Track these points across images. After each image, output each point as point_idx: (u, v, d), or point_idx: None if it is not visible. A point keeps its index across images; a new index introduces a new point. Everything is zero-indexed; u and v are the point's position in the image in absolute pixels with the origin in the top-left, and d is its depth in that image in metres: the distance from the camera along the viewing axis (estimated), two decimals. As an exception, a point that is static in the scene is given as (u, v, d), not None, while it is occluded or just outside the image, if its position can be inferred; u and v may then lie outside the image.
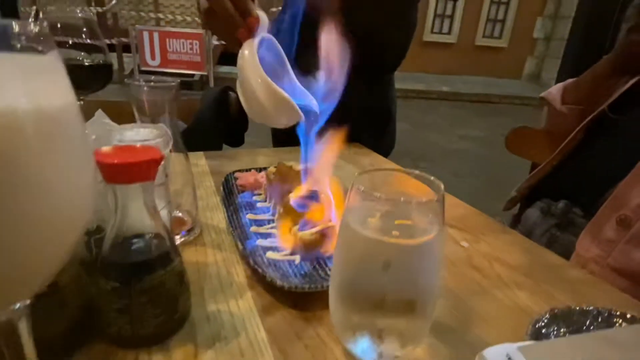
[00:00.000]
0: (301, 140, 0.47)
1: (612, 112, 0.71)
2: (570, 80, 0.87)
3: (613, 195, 0.63)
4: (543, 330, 0.34)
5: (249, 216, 0.53)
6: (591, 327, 0.35)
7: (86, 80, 0.59)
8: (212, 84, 4.80)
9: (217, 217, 0.55)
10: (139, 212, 0.30)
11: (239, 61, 0.45)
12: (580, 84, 0.83)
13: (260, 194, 0.60)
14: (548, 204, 0.77)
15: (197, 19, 5.11)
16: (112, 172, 0.27)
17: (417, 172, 0.29)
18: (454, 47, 7.44)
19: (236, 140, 1.14)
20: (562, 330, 0.34)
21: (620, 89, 0.71)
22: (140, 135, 0.36)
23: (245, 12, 0.46)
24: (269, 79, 0.44)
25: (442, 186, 0.28)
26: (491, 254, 0.50)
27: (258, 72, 0.43)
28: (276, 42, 0.48)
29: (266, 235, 0.48)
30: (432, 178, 0.28)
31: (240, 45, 0.45)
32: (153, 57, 4.76)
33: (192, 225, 0.49)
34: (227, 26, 0.46)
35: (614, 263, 0.60)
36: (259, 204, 0.57)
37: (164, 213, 0.40)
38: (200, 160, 0.77)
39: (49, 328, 0.28)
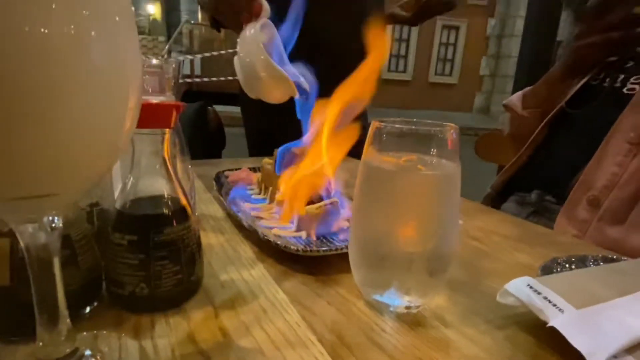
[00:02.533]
0: (298, 114, 0.49)
1: (569, 108, 0.79)
2: (527, 88, 0.96)
3: (580, 179, 0.68)
4: (552, 270, 0.36)
5: (247, 205, 0.52)
6: (593, 264, 0.37)
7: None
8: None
9: (213, 209, 0.53)
10: (156, 164, 0.30)
11: (240, 41, 0.47)
12: (537, 89, 0.92)
13: (253, 189, 0.59)
14: (522, 196, 0.82)
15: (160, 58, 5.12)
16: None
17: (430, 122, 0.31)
18: (410, 84, 7.94)
19: (214, 156, 1.13)
20: (571, 267, 0.36)
21: (574, 88, 0.79)
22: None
23: None
24: (267, 55, 0.46)
25: (455, 126, 0.30)
26: (486, 228, 0.52)
27: (259, 49, 0.45)
28: (274, 28, 0.50)
29: (268, 219, 0.48)
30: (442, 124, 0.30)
31: (241, 28, 0.47)
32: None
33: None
34: (234, 9, 0.51)
35: (590, 241, 0.64)
36: (253, 197, 0.56)
37: (179, 167, 0.39)
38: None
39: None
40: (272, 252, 0.40)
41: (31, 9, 0.14)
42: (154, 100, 0.33)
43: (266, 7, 0.50)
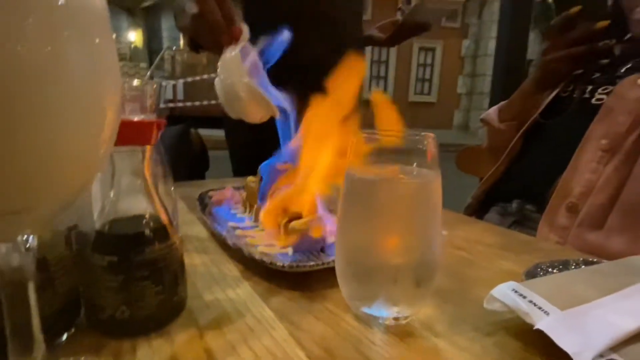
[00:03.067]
0: (280, 133, 0.50)
1: (543, 119, 0.82)
2: (503, 102, 0.99)
3: (558, 187, 0.70)
4: (536, 275, 0.36)
5: (232, 224, 0.52)
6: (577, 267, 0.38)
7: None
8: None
9: (197, 230, 0.53)
10: (137, 183, 0.29)
11: (221, 63, 0.48)
12: (511, 103, 0.95)
13: (237, 208, 0.59)
14: (503, 206, 0.84)
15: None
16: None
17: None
18: (390, 103, 8.14)
19: (196, 178, 1.12)
20: (554, 271, 0.36)
21: (546, 99, 0.83)
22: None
23: (231, 21, 0.51)
24: (248, 77, 0.47)
25: (432, 135, 0.30)
26: (470, 238, 0.53)
27: (241, 71, 0.46)
28: (254, 50, 0.51)
29: (253, 236, 0.47)
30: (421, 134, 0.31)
31: (221, 49, 0.48)
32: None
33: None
34: (213, 31, 0.51)
35: (571, 246, 0.66)
36: (238, 215, 0.56)
37: (162, 187, 0.38)
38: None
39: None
40: (258, 269, 0.39)
41: (9, 29, 0.14)
42: (135, 118, 0.33)
43: (246, 30, 0.51)
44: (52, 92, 0.15)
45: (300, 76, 0.97)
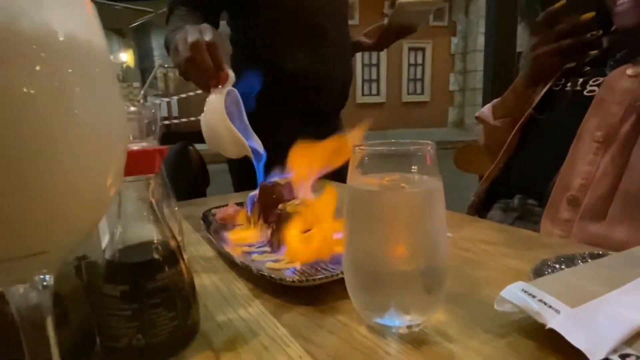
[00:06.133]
0: (256, 168, 0.58)
1: (537, 114, 0.82)
2: (496, 100, 1.00)
3: (558, 181, 0.71)
4: (544, 272, 0.36)
5: (237, 241, 0.52)
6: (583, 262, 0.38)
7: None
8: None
9: (203, 249, 0.53)
10: (143, 211, 0.29)
11: (207, 103, 0.56)
12: (505, 100, 0.96)
13: (242, 225, 0.59)
14: (505, 202, 0.84)
15: (136, 103, 5.14)
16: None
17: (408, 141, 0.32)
18: (384, 105, 8.17)
19: (197, 195, 1.12)
20: (561, 267, 0.37)
21: (538, 94, 0.83)
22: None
23: (219, 67, 0.58)
24: (229, 121, 0.55)
25: (431, 142, 0.31)
26: (473, 237, 0.53)
27: (221, 114, 0.54)
28: (238, 94, 0.57)
29: (260, 253, 0.47)
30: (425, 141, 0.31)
31: (209, 90, 0.54)
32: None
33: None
34: (203, 75, 0.58)
35: (575, 239, 0.66)
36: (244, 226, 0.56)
37: (166, 209, 0.39)
38: (169, 210, 0.75)
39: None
40: (267, 286, 0.40)
41: (15, 70, 0.14)
42: (136, 146, 0.33)
43: (232, 76, 0.58)
44: (62, 131, 0.16)
45: (286, 85, 0.99)
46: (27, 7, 0.14)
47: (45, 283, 0.19)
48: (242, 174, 1.09)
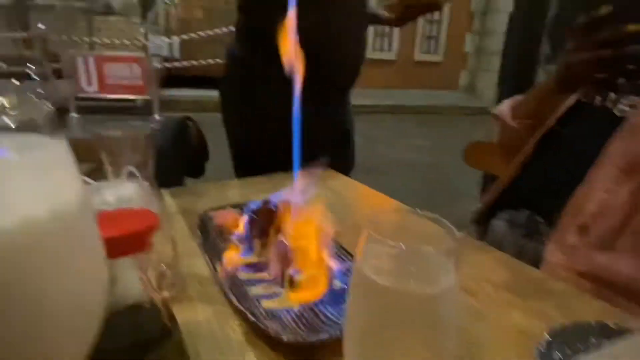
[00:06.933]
0: None
1: (559, 126, 0.78)
2: (518, 97, 0.94)
3: (571, 204, 0.68)
4: (551, 355, 0.35)
5: (233, 259, 0.50)
6: (589, 343, 0.37)
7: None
8: (156, 107, 4.60)
9: (199, 265, 0.51)
10: (132, 284, 0.27)
11: None
12: (527, 101, 0.90)
13: (239, 237, 0.57)
14: (512, 214, 0.82)
15: (135, 41, 4.89)
16: (108, 247, 0.24)
17: (429, 214, 0.29)
18: (395, 63, 7.84)
19: (197, 170, 1.09)
20: (566, 352, 0.35)
21: (564, 104, 0.78)
22: (121, 194, 0.32)
23: None
24: None
25: (457, 233, 0.28)
26: (478, 275, 0.51)
27: None
28: None
29: (256, 282, 0.46)
30: (446, 223, 0.28)
31: None
32: (89, 83, 4.50)
33: (174, 279, 0.45)
34: None
35: (579, 267, 0.65)
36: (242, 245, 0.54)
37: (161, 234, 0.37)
38: (166, 198, 0.72)
39: None
40: (264, 332, 0.38)
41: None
42: (134, 207, 0.30)
43: None
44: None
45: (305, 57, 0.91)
46: None
47: None
48: (243, 154, 1.05)
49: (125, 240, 0.24)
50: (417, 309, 0.26)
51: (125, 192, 0.33)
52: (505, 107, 0.95)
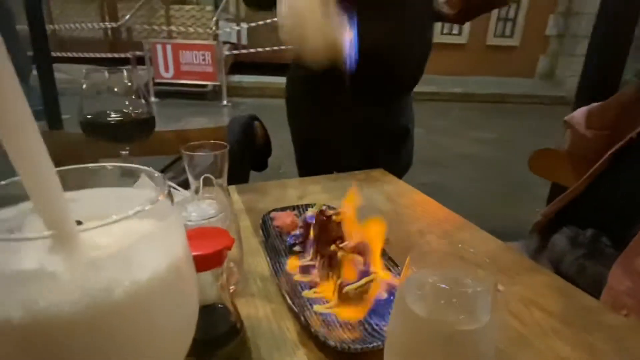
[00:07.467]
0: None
1: (640, 142, 0.72)
2: (594, 105, 0.88)
3: (643, 228, 0.64)
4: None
5: (292, 262, 0.55)
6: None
7: (132, 132, 0.63)
8: (225, 93, 4.87)
9: (260, 263, 0.57)
10: (210, 289, 0.33)
11: None
12: (605, 110, 0.84)
13: (298, 237, 0.62)
14: (575, 232, 0.78)
15: (208, 30, 5.18)
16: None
17: (472, 251, 0.31)
18: (465, 47, 7.38)
19: (261, 165, 1.17)
20: None
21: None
22: (202, 211, 0.38)
23: None
24: None
25: (495, 282, 0.30)
26: (528, 298, 0.51)
27: None
28: None
29: (309, 285, 0.51)
30: (486, 260, 0.30)
31: None
32: (167, 69, 4.86)
33: (239, 277, 0.51)
34: None
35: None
36: (297, 247, 0.59)
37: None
38: (233, 195, 0.80)
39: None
40: (314, 336, 0.43)
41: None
42: (205, 223, 0.36)
43: None
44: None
45: (371, 58, 0.93)
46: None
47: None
48: (306, 145, 1.10)
49: (208, 258, 0.30)
50: (454, 342, 0.29)
51: (205, 208, 0.39)
52: (579, 115, 0.89)
